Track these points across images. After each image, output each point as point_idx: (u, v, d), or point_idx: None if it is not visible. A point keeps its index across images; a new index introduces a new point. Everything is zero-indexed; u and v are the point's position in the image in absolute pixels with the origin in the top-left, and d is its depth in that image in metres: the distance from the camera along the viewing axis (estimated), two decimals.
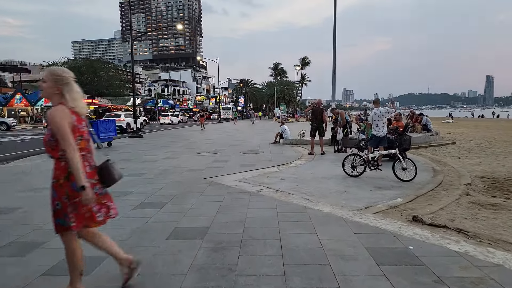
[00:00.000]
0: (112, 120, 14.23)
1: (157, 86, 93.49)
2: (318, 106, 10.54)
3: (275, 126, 33.07)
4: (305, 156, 10.28)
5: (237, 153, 11.19)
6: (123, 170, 7.87)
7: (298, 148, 12.61)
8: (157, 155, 10.83)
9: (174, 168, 8.26)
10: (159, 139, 17.46)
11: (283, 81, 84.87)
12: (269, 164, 8.71)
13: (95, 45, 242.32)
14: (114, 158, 9.26)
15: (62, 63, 57.09)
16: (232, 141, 15.84)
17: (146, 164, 9.01)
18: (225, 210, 4.66)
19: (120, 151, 12.26)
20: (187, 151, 12.00)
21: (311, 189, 5.96)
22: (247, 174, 7.45)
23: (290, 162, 9.01)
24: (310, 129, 10.59)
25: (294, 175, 7.24)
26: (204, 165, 8.75)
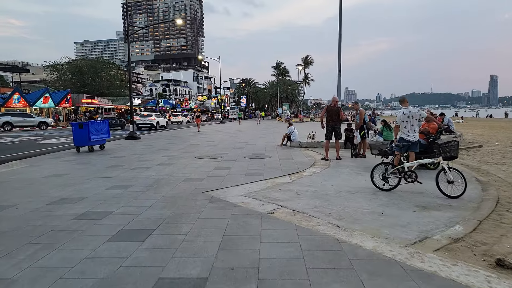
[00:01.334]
0: (105, 121, 13.03)
1: (159, 86, 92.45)
2: (333, 105, 9.30)
3: (279, 126, 31.87)
4: (318, 162, 9.04)
5: (241, 158, 9.96)
6: (109, 179, 6.68)
7: (308, 151, 11.37)
8: (152, 160, 9.62)
9: (168, 178, 7.04)
10: (157, 141, 16.26)
11: (286, 81, 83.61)
12: (279, 173, 7.48)
13: (98, 46, 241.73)
14: (103, 163, 8.03)
15: (64, 63, 56.20)
16: (236, 143, 14.61)
17: (137, 172, 7.79)
18: (229, 245, 3.43)
19: (112, 155, 11.06)
20: (186, 155, 10.78)
21: (338, 209, 4.72)
22: (254, 186, 6.22)
23: (303, 170, 7.77)
24: (325, 131, 9.35)
25: (311, 188, 6.00)
26: (204, 173, 7.53)
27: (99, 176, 7.34)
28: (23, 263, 3.08)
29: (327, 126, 9.27)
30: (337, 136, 9.29)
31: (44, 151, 12.62)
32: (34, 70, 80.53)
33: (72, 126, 12.04)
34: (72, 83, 54.33)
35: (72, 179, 7.05)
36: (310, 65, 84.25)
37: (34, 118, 31.78)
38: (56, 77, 55.41)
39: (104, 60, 62.16)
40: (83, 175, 7.43)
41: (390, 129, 12.34)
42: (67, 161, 9.82)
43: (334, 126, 9.19)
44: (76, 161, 9.72)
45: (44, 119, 32.27)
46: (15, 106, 37.99)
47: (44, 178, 7.16)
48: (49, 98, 39.86)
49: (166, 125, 30.39)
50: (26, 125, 30.57)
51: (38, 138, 19.65)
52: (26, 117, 31.65)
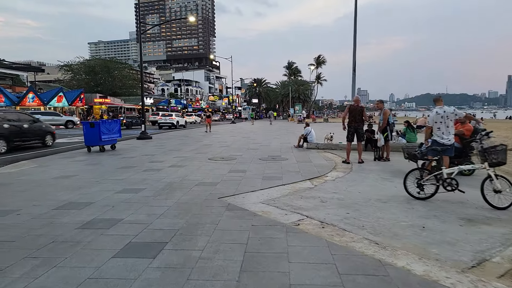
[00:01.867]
0: (116, 121, 12.73)
1: (170, 86, 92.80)
2: (356, 105, 8.74)
3: (292, 127, 31.31)
4: (340, 165, 8.50)
5: (257, 160, 9.49)
6: (119, 182, 6.28)
7: (326, 154, 10.83)
8: (163, 162, 9.22)
9: (181, 181, 6.61)
10: (169, 141, 15.93)
11: (298, 81, 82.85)
12: (298, 177, 6.97)
13: (111, 46, 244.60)
14: (113, 164, 7.67)
15: (77, 63, 56.72)
16: (249, 144, 14.15)
17: (149, 174, 7.39)
18: (253, 265, 2.95)
19: (123, 155, 10.72)
20: (199, 156, 10.36)
21: (371, 221, 4.20)
22: (273, 191, 5.73)
23: (324, 175, 7.24)
24: (347, 132, 8.80)
25: (336, 195, 5.49)
26: (218, 176, 7.08)
27: (109, 178, 6.96)
28: (17, 283, 2.67)
29: (350, 127, 8.72)
30: (359, 138, 8.74)
31: (55, 150, 12.38)
32: (49, 70, 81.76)
33: (83, 125, 11.77)
34: (85, 83, 54.75)
35: (80, 181, 6.69)
36: (322, 65, 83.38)
37: (62, 117, 32.51)
38: (70, 76, 55.95)
39: (116, 60, 62.56)
40: (92, 177, 7.07)
41: (414, 130, 11.70)
42: (77, 161, 9.51)
43: (357, 128, 8.64)
44: (86, 162, 9.39)
45: (71, 118, 32.96)
46: (30, 105, 38.35)
47: (52, 180, 6.82)
48: (63, 97, 40.16)
49: (184, 124, 32.45)
50: (54, 124, 31.19)
51: None
52: (55, 116, 32.23)
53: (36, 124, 13.66)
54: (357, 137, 8.72)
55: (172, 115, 31.49)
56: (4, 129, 11.81)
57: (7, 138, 11.83)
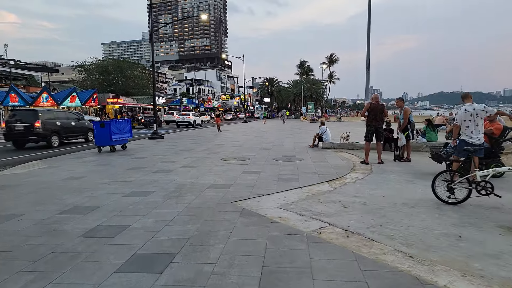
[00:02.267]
0: (127, 120, 12.55)
1: (182, 86, 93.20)
2: (376, 102, 8.30)
3: (305, 126, 30.84)
4: (358, 166, 8.06)
5: (270, 160, 9.13)
6: (128, 184, 6.01)
7: (343, 154, 10.39)
8: (175, 162, 8.96)
9: (192, 183, 6.31)
10: (180, 141, 15.71)
11: (310, 79, 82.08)
12: (316, 179, 6.59)
13: (124, 46, 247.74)
14: (123, 165, 7.42)
15: (91, 63, 57.39)
16: (262, 143, 13.80)
17: (159, 175, 7.12)
18: (273, 282, 2.60)
19: (134, 156, 10.51)
20: (211, 156, 10.07)
21: (400, 229, 3.80)
22: (290, 195, 5.36)
23: (343, 176, 6.83)
24: (366, 132, 8.36)
25: (358, 199, 5.09)
26: (231, 178, 6.75)
27: (118, 180, 6.71)
28: None
29: (369, 126, 8.27)
30: (379, 137, 8.29)
31: (66, 150, 12.29)
32: (64, 70, 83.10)
33: (93, 125, 11.61)
34: (98, 83, 55.33)
35: (88, 183, 6.45)
36: (335, 63, 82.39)
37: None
38: (84, 77, 56.64)
39: (129, 60, 63.03)
40: (101, 179, 6.83)
41: (434, 129, 11.16)
42: (87, 161, 9.33)
43: (377, 127, 8.18)
44: (96, 162, 9.20)
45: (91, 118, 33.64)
46: (43, 105, 38.84)
47: (61, 181, 6.61)
48: (76, 97, 40.55)
49: (201, 123, 34.13)
50: None
51: None
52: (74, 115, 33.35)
53: (80, 121, 15.91)
54: (376, 136, 8.28)
55: (189, 115, 33.15)
56: (57, 126, 13.92)
57: (59, 133, 13.97)
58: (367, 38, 42.08)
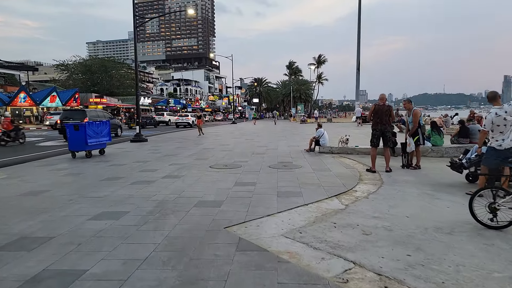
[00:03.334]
0: (105, 122, 11.38)
1: (169, 86, 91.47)
2: (383, 104, 7.43)
3: (296, 128, 29.86)
4: (365, 175, 7.17)
5: (266, 168, 8.16)
6: (98, 201, 4.82)
7: (343, 159, 9.51)
8: (157, 171, 7.89)
9: (176, 199, 5.28)
10: (165, 144, 14.59)
11: (299, 80, 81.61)
12: (321, 192, 5.65)
13: (110, 46, 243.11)
14: (97, 175, 6.20)
15: (73, 62, 55.25)
16: (254, 147, 12.81)
17: (137, 188, 6.06)
18: None
19: (111, 162, 9.39)
20: (198, 163, 9.03)
21: (450, 270, 2.87)
22: (296, 216, 4.40)
23: (352, 189, 5.91)
24: (372, 136, 7.48)
25: (380, 221, 4.16)
26: (222, 191, 5.75)
27: (87, 195, 5.63)
28: None
29: (375, 130, 7.40)
30: (386, 142, 7.41)
31: (36, 156, 11.05)
32: (46, 70, 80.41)
33: (66, 128, 10.43)
34: (82, 82, 53.39)
35: (50, 200, 5.35)
36: (323, 64, 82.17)
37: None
38: (66, 76, 54.55)
39: (114, 59, 61.10)
40: (67, 193, 5.73)
41: (440, 133, 10.38)
42: (56, 170, 8.17)
43: (383, 130, 7.32)
44: (67, 171, 8.05)
45: None
46: (21, 105, 37.02)
47: (16, 198, 5.49)
48: (56, 97, 38.83)
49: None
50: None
51: (39, 140, 18.25)
52: None
53: (112, 119, 19.68)
54: (383, 141, 7.40)
55: (188, 116, 35.79)
56: None
57: None
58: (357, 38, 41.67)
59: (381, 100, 7.55)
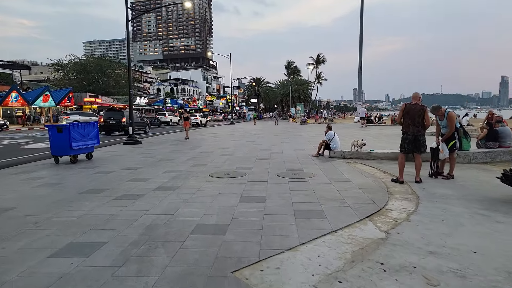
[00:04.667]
0: (92, 124, 10.25)
1: (166, 85, 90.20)
2: (415, 103, 6.37)
3: (298, 129, 28.66)
4: (393, 186, 6.10)
5: (274, 176, 7.10)
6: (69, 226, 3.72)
7: (359, 165, 8.46)
8: (148, 180, 6.80)
9: (168, 222, 4.20)
10: (160, 147, 13.48)
11: (298, 80, 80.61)
12: (348, 212, 4.58)
13: (106, 45, 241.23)
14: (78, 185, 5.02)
15: (69, 61, 53.92)
16: (257, 151, 11.73)
17: (122, 205, 4.97)
18: None
19: (97, 169, 8.29)
20: (196, 170, 7.95)
21: None
22: (326, 250, 3.33)
23: (385, 207, 4.84)
24: (402, 140, 6.42)
25: (442, 261, 3.08)
26: (226, 210, 4.67)
27: (58, 215, 4.53)
28: None
29: (406, 133, 6.34)
30: (419, 148, 6.35)
31: (15, 161, 9.92)
32: (43, 69, 78.94)
33: (48, 130, 9.31)
34: (77, 82, 52.14)
35: (10, 222, 4.25)
36: (322, 64, 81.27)
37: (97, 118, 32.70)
38: (61, 75, 53.23)
39: (110, 59, 59.76)
40: (34, 213, 4.63)
41: (467, 136, 9.31)
42: (31, 179, 7.06)
43: (416, 134, 6.26)
44: (44, 180, 6.94)
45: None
46: (13, 105, 35.78)
47: None
48: (49, 97, 37.57)
49: (205, 123, 39.02)
50: None
51: (26, 142, 17.08)
52: (92, 116, 32.09)
53: (142, 118, 23.45)
54: (415, 147, 6.34)
55: (196, 116, 38.10)
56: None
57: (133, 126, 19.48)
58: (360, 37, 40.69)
59: (414, 99, 6.47)
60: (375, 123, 31.03)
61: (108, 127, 20.81)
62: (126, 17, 14.88)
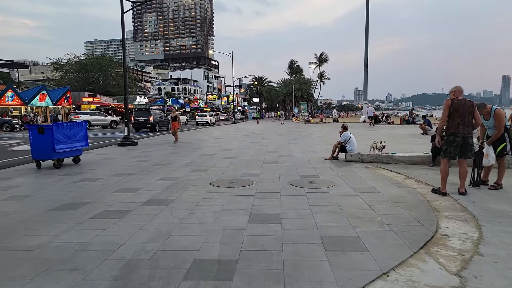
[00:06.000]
0: (80, 124, 9.16)
1: (167, 85, 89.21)
2: (464, 99, 5.23)
3: (302, 128, 27.41)
4: (435, 199, 5.00)
5: (287, 186, 6.01)
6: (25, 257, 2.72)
7: (382, 171, 7.36)
8: (138, 191, 5.72)
9: (156, 256, 3.11)
10: (158, 149, 12.40)
11: (300, 79, 79.43)
12: (392, 238, 3.49)
13: (108, 45, 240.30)
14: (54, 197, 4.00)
15: (68, 60, 52.95)
16: (264, 154, 10.63)
17: (100, 227, 3.89)
18: None
19: (82, 175, 7.22)
20: (195, 177, 6.87)
21: None
22: None
23: (439, 231, 3.74)
24: (446, 144, 5.29)
25: None
26: (232, 237, 3.58)
27: (12, 243, 3.45)
28: None
29: (452, 136, 5.19)
30: (466, 152, 5.24)
31: None
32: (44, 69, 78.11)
33: (28, 131, 8.25)
34: (76, 81, 51.18)
35: None
36: (325, 63, 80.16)
37: (107, 117, 32.28)
38: (60, 75, 52.26)
39: (109, 58, 58.73)
40: None
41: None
42: (2, 189, 5.99)
43: (465, 137, 5.14)
44: (15, 191, 5.86)
45: (114, 118, 32.89)
46: (9, 104, 34.73)
47: None
48: (46, 96, 36.50)
49: (214, 122, 40.96)
50: (100, 124, 31.11)
51: (15, 143, 16.05)
52: (101, 116, 32.32)
53: (165, 118, 25.94)
54: (462, 151, 5.23)
55: (206, 115, 41.08)
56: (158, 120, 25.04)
57: (159, 124, 24.91)
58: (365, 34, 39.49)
59: (459, 93, 5.33)
60: (383, 123, 29.86)
61: (138, 124, 24.16)
62: (121, 9, 13.79)
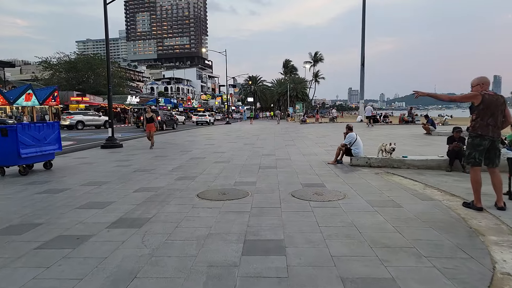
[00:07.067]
0: (52, 124, 8.10)
1: (160, 84, 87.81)
2: (494, 94, 4.31)
3: (298, 128, 26.31)
4: (471, 217, 4.06)
5: (288, 198, 5.04)
6: None
7: (394, 178, 6.44)
8: (109, 206, 4.70)
9: None
10: (143, 152, 11.34)
11: (295, 79, 78.60)
12: (438, 280, 2.54)
13: (100, 44, 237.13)
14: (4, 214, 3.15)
15: (57, 59, 51.47)
16: (259, 157, 9.65)
17: (40, 266, 2.88)
18: None
19: (48, 184, 6.17)
20: (180, 187, 5.86)
21: None
22: None
23: (497, 268, 2.81)
24: (473, 148, 4.32)
25: None
26: (220, 280, 2.60)
27: None
28: None
29: (480, 138, 4.23)
30: (494, 159, 4.30)
31: None
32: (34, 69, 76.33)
33: None
34: (66, 81, 49.73)
35: None
36: (320, 62, 79.56)
37: (101, 117, 31.73)
38: (50, 74, 50.73)
39: (101, 57, 57.29)
40: None
41: None
42: None
43: (494, 139, 4.22)
44: None
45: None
46: None
47: None
48: (33, 96, 35.09)
49: (213, 122, 41.31)
50: (95, 124, 30.61)
51: None
52: (95, 116, 31.99)
53: (172, 117, 29.12)
54: (488, 157, 4.30)
55: (206, 115, 42.20)
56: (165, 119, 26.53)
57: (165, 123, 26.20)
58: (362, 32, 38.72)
59: (486, 84, 4.40)
60: (381, 123, 29.08)
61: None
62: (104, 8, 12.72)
